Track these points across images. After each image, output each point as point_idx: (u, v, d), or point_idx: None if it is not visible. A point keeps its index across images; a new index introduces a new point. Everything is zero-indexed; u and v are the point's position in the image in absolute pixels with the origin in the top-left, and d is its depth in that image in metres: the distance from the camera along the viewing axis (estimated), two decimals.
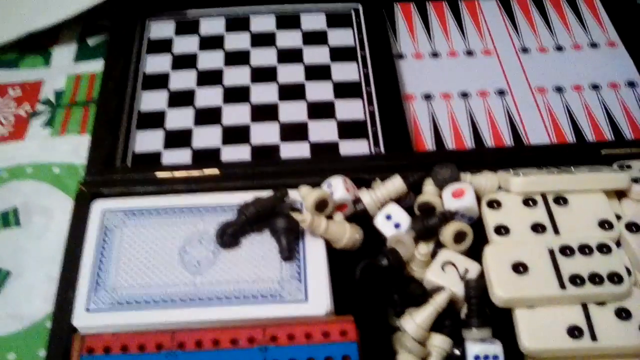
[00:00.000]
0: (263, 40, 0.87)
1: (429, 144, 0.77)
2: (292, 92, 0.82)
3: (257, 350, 0.57)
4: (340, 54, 0.86)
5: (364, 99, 0.80)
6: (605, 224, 0.64)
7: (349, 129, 0.78)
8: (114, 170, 0.73)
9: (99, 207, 0.68)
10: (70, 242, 0.66)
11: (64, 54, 0.92)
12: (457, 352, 0.60)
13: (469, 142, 0.77)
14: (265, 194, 0.66)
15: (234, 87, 0.82)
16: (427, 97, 0.82)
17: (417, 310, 0.60)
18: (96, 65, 0.90)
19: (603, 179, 0.66)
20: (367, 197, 0.67)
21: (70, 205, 0.69)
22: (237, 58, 0.85)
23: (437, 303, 0.60)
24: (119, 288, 0.62)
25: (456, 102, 0.81)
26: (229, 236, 0.64)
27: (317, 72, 0.84)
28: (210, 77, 0.83)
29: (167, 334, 0.58)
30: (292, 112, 0.80)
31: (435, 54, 0.86)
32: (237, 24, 0.89)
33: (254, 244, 0.65)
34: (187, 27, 0.89)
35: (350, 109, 0.80)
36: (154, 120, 0.79)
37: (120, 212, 0.67)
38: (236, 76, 0.83)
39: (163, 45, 0.87)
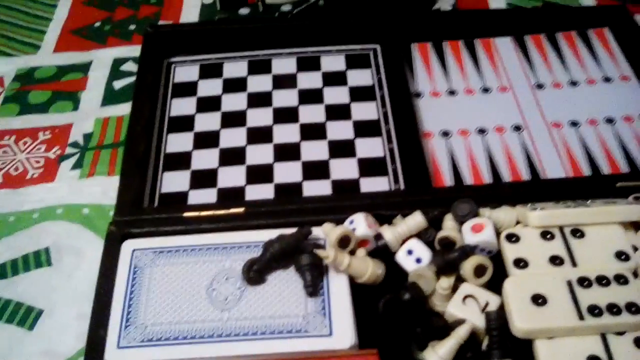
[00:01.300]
0: (284, 82, 0.90)
1: (447, 180, 0.79)
2: (313, 131, 0.84)
3: None
4: (360, 93, 0.88)
5: (384, 137, 0.82)
6: (622, 255, 0.65)
7: (369, 167, 0.80)
8: (142, 210, 0.75)
9: (129, 247, 0.70)
10: (102, 280, 0.69)
11: (92, 98, 0.96)
12: None
13: (486, 178, 0.79)
14: (289, 231, 0.68)
15: (257, 128, 0.84)
16: (445, 134, 0.84)
17: (439, 343, 0.61)
18: (123, 109, 0.93)
19: (619, 212, 0.68)
20: (389, 233, 0.69)
21: (100, 245, 0.72)
22: (260, 99, 0.88)
23: (459, 335, 0.61)
24: (149, 325, 0.64)
25: (474, 139, 0.83)
26: (255, 272, 0.66)
27: (337, 112, 0.86)
28: (234, 119, 0.86)
29: None
30: (314, 151, 0.82)
31: (452, 92, 0.88)
32: (260, 67, 0.92)
33: (279, 280, 0.66)
34: (211, 70, 0.92)
35: (370, 147, 0.82)
36: (180, 161, 0.82)
37: (149, 251, 0.69)
38: (259, 117, 0.86)
39: (188, 88, 0.90)
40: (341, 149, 0.82)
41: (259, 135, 0.84)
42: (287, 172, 0.80)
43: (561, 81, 0.89)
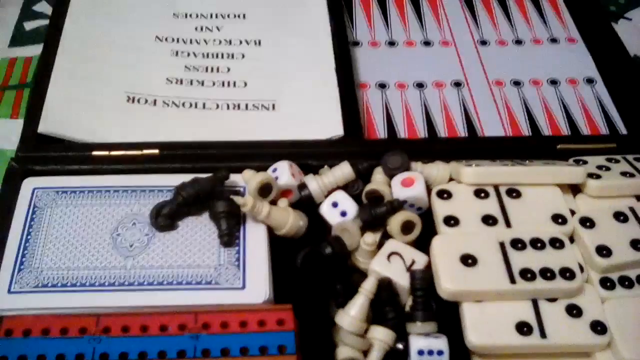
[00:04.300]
0: None
1: (380, 132, 0.74)
2: None
3: (188, 338, 0.53)
4: None
5: None
6: (558, 219, 0.61)
7: None
8: (47, 147, 0.69)
9: (29, 185, 0.64)
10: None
11: None
12: (400, 346, 0.57)
13: (422, 133, 0.75)
14: (205, 176, 0.63)
15: None
16: (382, 86, 0.79)
17: (350, 302, 0.57)
18: (32, 50, 0.86)
19: (558, 173, 0.64)
20: (314, 184, 0.64)
21: None
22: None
23: (365, 290, 0.57)
24: (44, 269, 0.58)
25: (411, 92, 0.79)
26: (164, 218, 0.61)
27: None
28: None
29: (92, 317, 0.54)
30: None
31: (392, 43, 0.84)
32: None
33: (191, 227, 0.61)
34: None
35: None
36: None
37: (51, 191, 0.63)
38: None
39: None
40: None
41: None
42: None
43: (506, 39, 0.85)
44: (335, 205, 0.63)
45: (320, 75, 0.77)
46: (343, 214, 0.62)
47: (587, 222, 0.61)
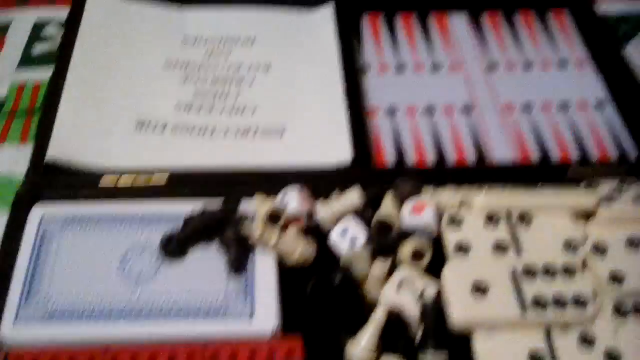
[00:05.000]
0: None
1: (390, 157, 0.74)
2: None
3: None
4: None
5: None
6: (570, 245, 0.61)
7: None
8: (56, 172, 0.68)
9: (38, 212, 0.64)
10: (5, 248, 0.62)
11: (8, 61, 0.88)
12: None
13: (431, 158, 0.74)
14: (214, 202, 0.62)
15: None
16: (391, 111, 0.79)
17: (360, 332, 0.56)
18: (41, 74, 0.86)
19: (569, 199, 0.64)
20: (323, 210, 0.64)
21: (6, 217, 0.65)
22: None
23: (375, 320, 0.56)
24: (51, 299, 0.58)
25: (420, 117, 0.78)
26: (174, 247, 0.60)
27: None
28: None
29: (100, 348, 0.54)
30: None
31: (400, 67, 0.83)
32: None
33: (199, 255, 0.61)
34: None
35: None
36: None
37: (60, 218, 0.63)
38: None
39: None
40: None
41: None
42: None
43: (515, 63, 0.85)
44: (345, 232, 0.62)
45: (329, 100, 0.76)
46: (353, 241, 0.62)
47: (600, 249, 0.61)
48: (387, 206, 0.65)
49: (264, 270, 0.60)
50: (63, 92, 0.75)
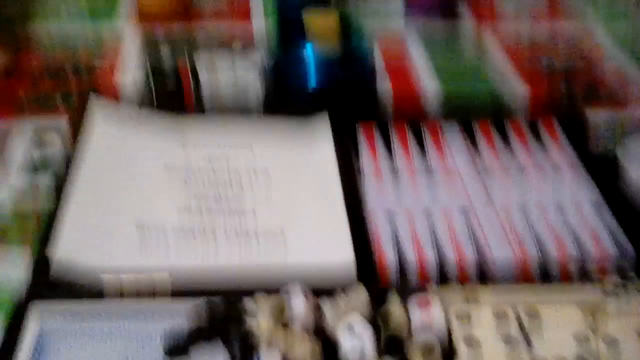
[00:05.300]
0: None
1: (390, 257, 0.74)
2: None
3: None
4: None
5: None
6: (580, 338, 0.60)
7: None
8: (56, 272, 0.68)
9: (36, 311, 0.63)
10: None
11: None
12: None
13: (431, 257, 0.74)
14: (218, 301, 0.62)
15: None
16: (389, 213, 0.79)
17: None
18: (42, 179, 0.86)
19: (575, 293, 0.64)
20: (329, 310, 0.63)
21: None
22: None
23: None
24: None
25: (418, 220, 0.79)
26: (176, 346, 0.59)
27: None
28: None
29: None
30: None
31: (395, 173, 0.85)
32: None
33: (203, 353, 0.60)
34: None
35: None
36: None
37: (59, 317, 0.63)
38: None
39: None
40: None
41: None
42: None
43: (509, 166, 0.86)
44: (350, 330, 0.61)
45: (328, 203, 0.77)
46: (359, 339, 0.61)
47: (609, 341, 0.60)
48: (394, 301, 0.64)
49: None
50: (67, 196, 0.76)
